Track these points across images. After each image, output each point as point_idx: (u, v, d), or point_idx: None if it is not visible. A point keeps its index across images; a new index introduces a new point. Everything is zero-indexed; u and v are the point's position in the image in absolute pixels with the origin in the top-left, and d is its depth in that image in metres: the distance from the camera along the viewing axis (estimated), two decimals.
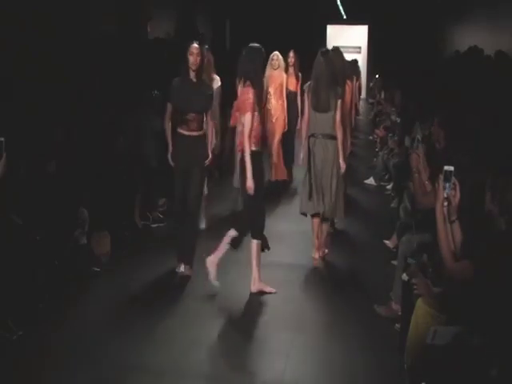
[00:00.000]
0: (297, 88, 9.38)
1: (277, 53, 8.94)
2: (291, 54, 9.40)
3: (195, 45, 5.71)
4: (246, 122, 5.16)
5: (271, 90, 8.84)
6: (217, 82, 7.24)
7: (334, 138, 5.90)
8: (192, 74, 5.74)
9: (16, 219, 4.99)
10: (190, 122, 5.73)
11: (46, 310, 5.01)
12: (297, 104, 9.34)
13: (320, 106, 5.89)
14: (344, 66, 6.84)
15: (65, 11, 9.13)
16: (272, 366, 4.35)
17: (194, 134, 5.77)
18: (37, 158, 5.67)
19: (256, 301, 5.32)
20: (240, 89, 5.70)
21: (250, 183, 5.16)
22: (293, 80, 9.44)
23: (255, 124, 5.23)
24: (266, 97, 8.54)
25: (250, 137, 5.17)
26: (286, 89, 9.24)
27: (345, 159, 6.04)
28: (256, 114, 5.22)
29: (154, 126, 7.21)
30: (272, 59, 8.85)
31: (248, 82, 5.26)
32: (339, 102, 5.91)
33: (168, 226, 7.08)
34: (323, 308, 5.34)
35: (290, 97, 9.36)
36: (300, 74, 9.40)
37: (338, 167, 5.96)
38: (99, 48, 9.40)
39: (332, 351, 4.56)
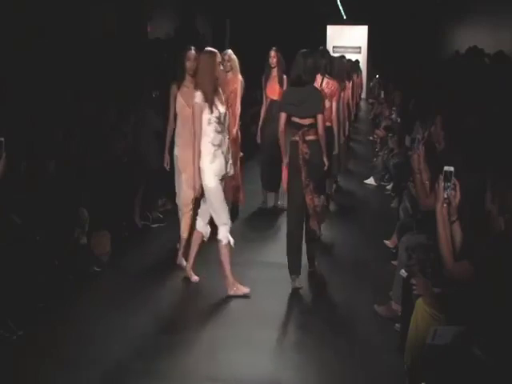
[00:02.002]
0: (280, 95, 7.09)
1: (229, 52, 7.01)
2: (272, 52, 7.56)
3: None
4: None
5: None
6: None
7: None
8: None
9: (16, 219, 4.99)
10: None
11: (46, 309, 5.01)
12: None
13: None
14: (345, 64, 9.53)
15: (65, 11, 9.13)
16: (271, 366, 4.34)
17: None
18: (37, 158, 5.67)
19: (255, 301, 5.32)
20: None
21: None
22: (274, 85, 7.58)
23: None
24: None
25: None
26: (267, 97, 7.65)
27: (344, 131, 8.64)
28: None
29: (155, 127, 7.21)
30: (223, 59, 6.59)
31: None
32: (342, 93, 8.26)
33: (168, 225, 7.09)
34: (323, 308, 5.34)
35: (272, 108, 7.44)
36: (285, 77, 7.40)
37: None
38: (99, 48, 9.40)
39: (332, 351, 4.55)
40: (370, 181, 9.83)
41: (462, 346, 3.20)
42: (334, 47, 20.70)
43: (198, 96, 5.24)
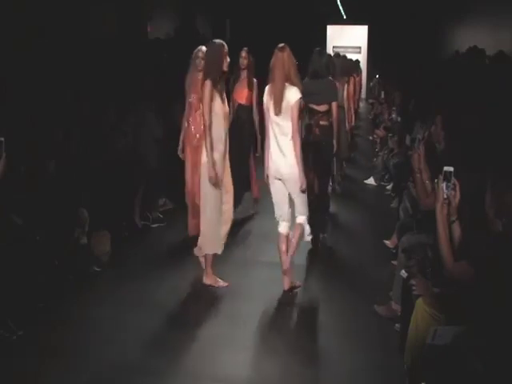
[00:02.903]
0: (250, 101, 7.06)
1: (203, 48, 5.97)
2: (244, 53, 7.01)
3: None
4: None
5: (193, 99, 6.29)
6: None
7: (342, 107, 8.30)
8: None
9: (16, 219, 4.99)
10: None
11: (46, 310, 5.01)
12: (252, 121, 7.10)
13: None
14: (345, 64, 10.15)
15: (65, 11, 9.14)
16: (271, 366, 4.35)
17: None
18: (37, 158, 5.67)
19: (255, 300, 5.33)
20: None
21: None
22: (243, 89, 7.08)
23: None
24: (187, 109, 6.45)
25: None
26: (235, 101, 7.09)
27: (350, 121, 9.72)
28: None
29: (155, 133, 7.21)
30: (196, 56, 6.20)
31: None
32: (346, 86, 9.13)
33: (168, 225, 7.10)
34: (323, 308, 5.34)
35: (240, 113, 7.11)
36: (255, 81, 7.03)
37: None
38: (99, 48, 9.41)
39: (332, 351, 4.56)
40: (370, 181, 9.83)
41: (462, 346, 3.20)
42: (333, 47, 20.67)
43: (298, 92, 5.03)
